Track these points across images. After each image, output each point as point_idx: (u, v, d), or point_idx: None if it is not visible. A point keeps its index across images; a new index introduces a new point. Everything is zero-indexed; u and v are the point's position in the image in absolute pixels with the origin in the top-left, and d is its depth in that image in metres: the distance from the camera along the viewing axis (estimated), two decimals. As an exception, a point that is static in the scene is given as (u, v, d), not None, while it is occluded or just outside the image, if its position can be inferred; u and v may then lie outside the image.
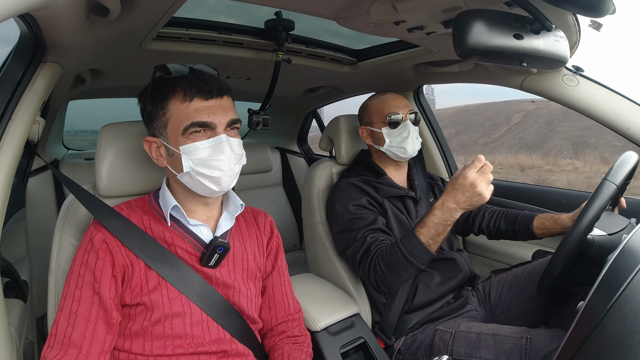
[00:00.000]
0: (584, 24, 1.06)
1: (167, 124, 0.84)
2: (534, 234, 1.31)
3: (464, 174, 1.03)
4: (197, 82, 0.83)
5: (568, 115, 13.44)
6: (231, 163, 0.84)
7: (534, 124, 12.64)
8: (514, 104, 15.17)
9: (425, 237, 1.08)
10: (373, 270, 1.17)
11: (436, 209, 1.08)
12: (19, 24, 0.85)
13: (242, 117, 1.74)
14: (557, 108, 14.12)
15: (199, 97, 0.82)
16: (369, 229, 1.22)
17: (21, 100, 0.88)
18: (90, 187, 0.97)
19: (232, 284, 0.90)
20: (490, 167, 1.05)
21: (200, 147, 0.82)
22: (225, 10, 1.42)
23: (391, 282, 1.16)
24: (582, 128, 12.33)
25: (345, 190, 1.30)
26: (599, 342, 0.63)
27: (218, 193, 0.87)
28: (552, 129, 12.35)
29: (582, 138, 11.62)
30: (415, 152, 1.34)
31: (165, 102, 0.84)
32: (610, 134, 11.79)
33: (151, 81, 0.87)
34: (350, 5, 1.01)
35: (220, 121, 0.83)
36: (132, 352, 0.81)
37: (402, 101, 1.36)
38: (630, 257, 0.72)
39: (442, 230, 1.08)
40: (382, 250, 1.16)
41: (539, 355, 0.99)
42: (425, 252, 1.09)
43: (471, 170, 1.03)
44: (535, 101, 15.40)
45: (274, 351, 0.98)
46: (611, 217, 1.06)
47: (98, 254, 0.81)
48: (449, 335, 1.15)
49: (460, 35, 0.83)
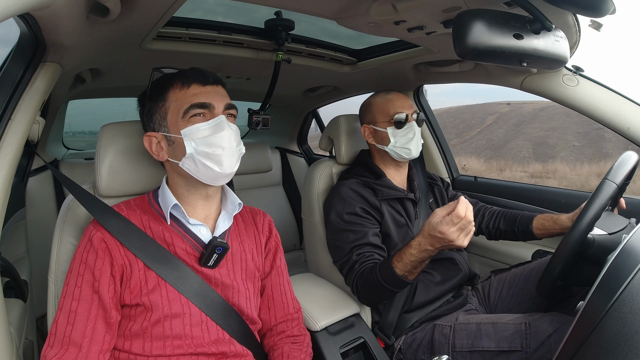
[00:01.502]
0: (584, 24, 1.06)
1: (167, 113, 0.88)
2: (534, 235, 1.31)
3: (441, 229, 0.96)
4: (193, 73, 0.89)
5: (537, 117, 13.67)
6: (232, 141, 0.86)
7: (504, 125, 12.83)
8: (491, 106, 15.35)
9: (401, 271, 1.07)
10: (355, 287, 1.20)
11: (413, 248, 1.04)
12: (19, 24, 0.85)
13: (242, 117, 1.75)
14: (528, 110, 14.31)
15: (196, 84, 0.88)
16: (357, 245, 1.22)
17: (21, 100, 0.88)
18: (90, 187, 0.97)
19: (231, 284, 0.90)
20: (470, 219, 0.95)
21: (201, 128, 0.85)
22: (224, 11, 1.42)
23: (371, 300, 1.21)
24: (546, 129, 12.56)
25: (341, 196, 1.29)
26: (598, 342, 0.63)
27: (220, 177, 0.88)
28: (519, 130, 12.55)
29: (544, 139, 11.82)
30: (417, 153, 1.34)
31: (164, 94, 0.89)
32: (570, 135, 11.88)
33: (149, 82, 0.91)
34: (350, 5, 1.01)
35: (217, 104, 0.88)
36: (132, 353, 0.81)
37: (407, 101, 1.36)
38: (630, 257, 0.72)
39: (419, 265, 1.07)
40: (364, 270, 1.17)
41: (539, 339, 1.00)
42: (400, 282, 1.09)
43: (448, 225, 0.95)
44: (511, 103, 15.57)
45: (274, 351, 0.98)
46: (611, 217, 1.06)
47: (97, 253, 0.81)
48: (449, 329, 1.15)
49: (460, 35, 0.83)
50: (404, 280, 1.08)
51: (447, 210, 0.98)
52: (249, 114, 1.76)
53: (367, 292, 1.17)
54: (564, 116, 12.88)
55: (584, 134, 11.79)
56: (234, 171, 0.88)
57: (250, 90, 2.08)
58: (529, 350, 1.01)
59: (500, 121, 13.30)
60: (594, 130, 11.65)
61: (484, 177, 1.89)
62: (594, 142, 10.78)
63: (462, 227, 0.95)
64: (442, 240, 0.98)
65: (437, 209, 1.00)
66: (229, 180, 0.92)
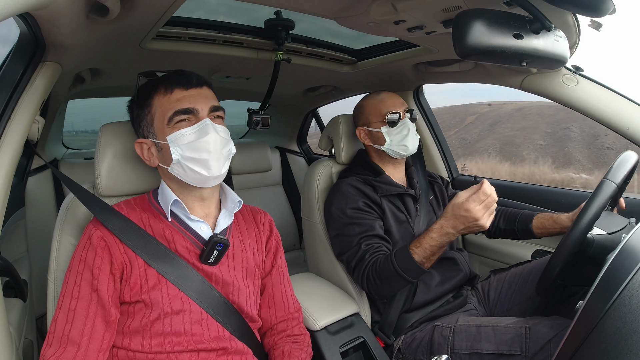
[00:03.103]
0: (584, 23, 1.06)
1: (153, 119, 0.88)
2: (533, 234, 1.32)
3: (467, 207, 0.99)
4: (176, 77, 0.89)
5: (512, 118, 13.79)
6: (217, 145, 0.86)
7: (479, 125, 12.92)
8: (473, 107, 15.42)
9: (420, 257, 1.09)
10: (366, 278, 1.19)
11: (434, 232, 1.07)
12: (19, 24, 0.85)
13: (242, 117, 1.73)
14: (506, 111, 14.41)
15: (179, 88, 0.88)
16: (364, 236, 1.22)
17: (21, 100, 0.88)
18: (89, 186, 0.97)
19: (232, 281, 0.90)
20: (495, 198, 1.00)
21: (186, 133, 0.85)
22: (225, 12, 1.42)
23: (382, 292, 1.19)
24: (517, 129, 12.71)
25: (342, 193, 1.29)
26: (598, 341, 0.63)
27: (209, 180, 0.88)
28: (492, 130, 12.65)
29: (512, 138, 11.96)
30: (415, 149, 1.34)
31: (149, 100, 0.89)
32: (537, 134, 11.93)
33: (136, 88, 0.92)
34: (350, 5, 1.01)
35: (202, 107, 0.87)
36: (131, 350, 0.81)
37: (398, 99, 1.37)
38: (630, 257, 0.72)
39: (437, 251, 1.08)
40: (376, 260, 1.17)
41: (539, 343, 1.00)
42: (418, 269, 1.10)
43: (475, 202, 0.99)
44: (492, 104, 15.65)
45: (274, 350, 0.98)
46: (611, 217, 1.06)
47: (96, 252, 0.81)
48: (449, 331, 1.15)
49: (460, 34, 0.83)
50: (420, 267, 1.09)
51: (470, 192, 1.01)
52: (248, 113, 1.76)
53: (380, 283, 1.16)
54: (537, 116, 12.98)
55: (552, 133, 11.89)
56: (223, 173, 0.88)
57: (250, 90, 2.08)
58: (529, 355, 1.01)
59: (478, 121, 13.39)
60: (562, 130, 11.74)
61: (484, 177, 1.89)
62: (558, 142, 10.87)
63: (487, 205, 0.99)
64: (467, 219, 1.00)
65: (460, 192, 1.04)
66: (221, 181, 0.92)
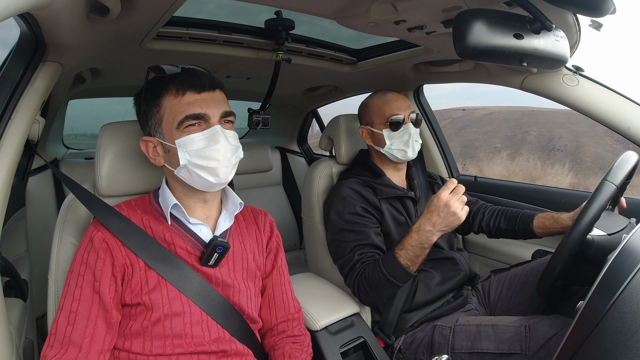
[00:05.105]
0: (584, 23, 1.06)
1: (161, 120, 0.86)
2: (534, 233, 1.31)
3: (437, 195, 1.07)
4: (188, 77, 0.85)
5: (479, 122, 13.98)
6: (227, 153, 0.85)
7: (449, 129, 13.06)
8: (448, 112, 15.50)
9: (405, 260, 1.11)
10: (357, 287, 1.21)
11: (413, 232, 1.11)
12: (19, 24, 0.85)
13: (242, 117, 1.74)
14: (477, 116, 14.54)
15: (191, 91, 0.84)
16: (358, 244, 1.23)
17: (21, 100, 0.88)
18: (90, 186, 0.97)
19: (232, 283, 0.90)
20: (463, 188, 1.08)
21: (195, 139, 0.83)
22: (225, 15, 1.41)
23: (373, 299, 1.21)
24: (480, 133, 12.93)
25: (341, 196, 1.29)
26: (598, 342, 0.63)
27: (216, 186, 0.87)
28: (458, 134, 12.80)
29: (472, 141, 12.15)
30: (415, 154, 1.33)
31: (159, 100, 0.86)
32: (497, 137, 11.97)
33: (145, 82, 0.88)
34: (351, 5, 1.01)
35: (213, 113, 0.84)
36: (132, 352, 0.81)
37: (404, 102, 1.35)
38: (630, 257, 0.72)
39: (420, 253, 1.10)
40: (366, 268, 1.18)
41: (539, 342, 1.00)
42: (404, 272, 1.12)
43: (444, 191, 1.07)
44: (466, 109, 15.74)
45: (274, 351, 0.98)
46: (611, 217, 1.06)
47: (98, 254, 0.81)
48: (449, 330, 1.15)
49: (460, 34, 0.83)
50: (407, 270, 1.10)
51: (448, 190, 1.08)
52: (249, 113, 1.75)
53: (369, 289, 1.17)
54: (502, 121, 13.11)
55: (511, 137, 12.01)
56: (230, 179, 0.88)
57: (250, 90, 2.08)
58: (529, 353, 1.01)
59: (449, 126, 13.50)
60: (521, 133, 11.87)
61: (485, 177, 1.89)
62: (515, 144, 10.99)
63: (456, 192, 1.06)
64: (440, 209, 1.06)
65: (437, 194, 1.09)
66: (226, 185, 0.92)
